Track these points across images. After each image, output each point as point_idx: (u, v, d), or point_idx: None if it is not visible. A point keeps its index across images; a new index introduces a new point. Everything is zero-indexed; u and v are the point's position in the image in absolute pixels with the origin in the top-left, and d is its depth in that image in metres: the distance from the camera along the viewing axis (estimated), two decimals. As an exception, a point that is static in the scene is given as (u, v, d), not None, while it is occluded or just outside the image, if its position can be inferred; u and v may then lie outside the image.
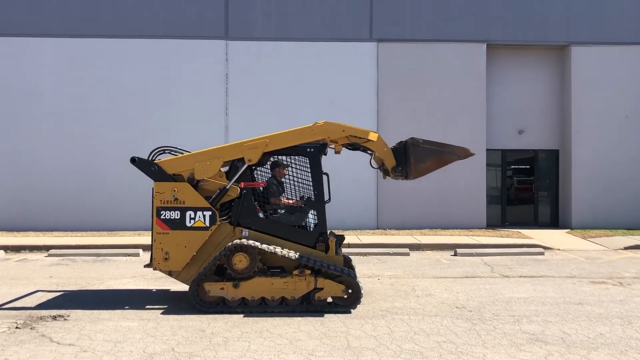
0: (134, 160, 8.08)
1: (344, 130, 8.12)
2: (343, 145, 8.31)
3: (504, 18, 17.16)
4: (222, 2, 16.72)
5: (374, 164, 8.66)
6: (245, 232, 8.00)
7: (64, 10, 16.53)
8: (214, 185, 8.02)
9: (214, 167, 8.03)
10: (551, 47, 17.69)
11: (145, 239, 13.61)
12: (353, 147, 8.48)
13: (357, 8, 16.93)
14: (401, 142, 8.17)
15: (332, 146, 8.39)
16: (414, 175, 7.98)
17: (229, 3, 16.73)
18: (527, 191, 18.31)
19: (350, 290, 7.74)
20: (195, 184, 8.04)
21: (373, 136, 8.14)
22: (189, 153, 8.26)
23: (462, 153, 8.12)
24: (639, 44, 17.31)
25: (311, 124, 8.15)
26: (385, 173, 8.44)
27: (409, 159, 7.93)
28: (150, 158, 8.19)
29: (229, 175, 8.09)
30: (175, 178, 8.03)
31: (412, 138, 7.98)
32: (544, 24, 17.21)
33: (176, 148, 8.52)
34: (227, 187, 7.96)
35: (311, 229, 8.18)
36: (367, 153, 8.61)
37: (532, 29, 17.19)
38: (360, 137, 8.13)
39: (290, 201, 8.46)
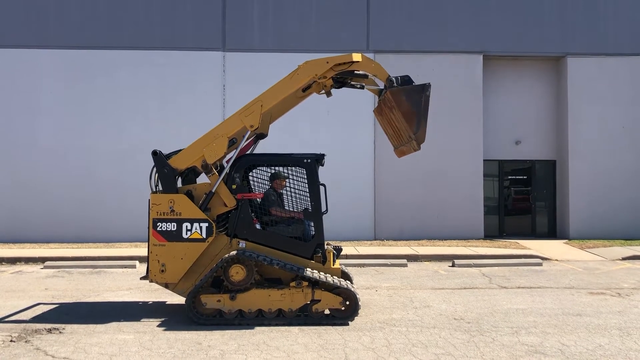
0: (155, 154, 8.11)
1: (327, 62, 8.16)
2: (332, 80, 8.27)
3: (500, 29, 17.25)
4: (220, 14, 16.77)
5: (372, 82, 8.45)
6: (242, 243, 7.97)
7: (61, 22, 16.55)
8: (215, 178, 8.01)
9: (222, 146, 8.06)
10: (547, 58, 17.77)
11: (142, 250, 13.53)
12: (342, 82, 8.44)
13: (354, 19, 17.00)
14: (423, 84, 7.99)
15: (322, 92, 8.38)
16: (393, 93, 7.77)
17: (227, 15, 16.79)
18: (525, 201, 18.32)
19: (347, 302, 7.70)
20: (209, 170, 8.04)
21: (357, 57, 8.14)
22: (191, 143, 8.23)
23: (419, 135, 7.78)
24: (635, 55, 17.40)
25: (294, 69, 8.23)
26: (380, 93, 8.34)
27: (407, 85, 7.84)
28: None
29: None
30: (187, 175, 8.11)
31: (429, 83, 7.88)
32: (540, 35, 17.29)
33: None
34: (213, 190, 7.92)
35: (308, 241, 8.14)
36: (356, 87, 8.56)
37: (529, 40, 17.27)
38: (345, 63, 8.12)
39: (288, 213, 8.42)
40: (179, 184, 8.26)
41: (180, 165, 8.11)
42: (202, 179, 8.28)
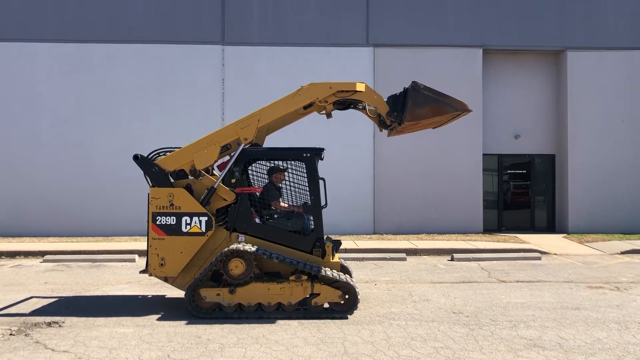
0: (136, 158, 8.08)
1: (330, 87, 8.12)
2: (334, 105, 8.26)
3: (499, 23, 17.21)
4: (219, 7, 16.71)
5: (369, 115, 8.46)
6: (242, 237, 7.97)
7: (60, 15, 16.49)
8: (209, 181, 8.00)
9: (213, 154, 8.03)
10: (547, 52, 17.74)
11: (141, 244, 13.54)
12: (343, 106, 8.42)
13: (353, 13, 16.95)
14: (404, 87, 8.06)
15: (323, 112, 8.37)
16: (408, 118, 7.82)
17: (225, 8, 16.74)
18: (524, 196, 18.32)
19: (347, 296, 7.71)
20: (198, 175, 8.02)
21: (360, 86, 8.13)
22: (184, 146, 8.22)
23: (460, 106, 8.00)
24: (635, 49, 17.36)
25: (297, 89, 8.17)
26: (382, 124, 8.37)
27: (407, 102, 7.81)
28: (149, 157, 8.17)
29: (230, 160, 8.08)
30: (178, 174, 8.05)
31: (413, 82, 7.90)
32: (539, 29, 17.26)
33: (171, 148, 8.47)
34: (215, 186, 7.92)
35: (308, 235, 8.14)
36: (359, 109, 8.55)
37: (528, 34, 17.23)
38: (348, 91, 8.11)
39: (287, 206, 8.43)
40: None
41: (169, 166, 8.06)
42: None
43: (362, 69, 16.87)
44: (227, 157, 8.20)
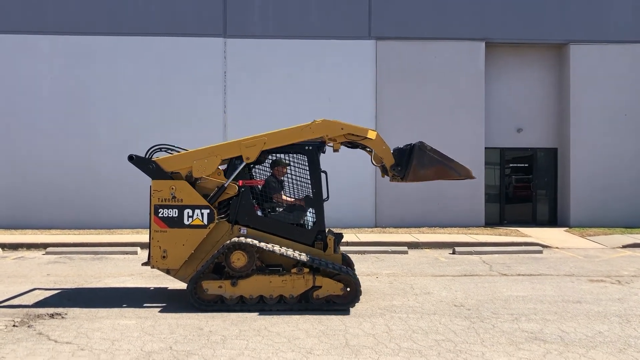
0: (131, 158, 8.06)
1: (342, 129, 8.11)
2: (342, 144, 8.30)
3: (503, 16, 17.14)
4: (221, 0, 16.67)
5: (374, 162, 8.53)
6: (244, 230, 7.99)
7: (61, 7, 16.46)
8: (212, 183, 8.02)
9: (212, 165, 8.03)
10: (550, 46, 17.68)
11: (144, 236, 13.58)
12: (352, 145, 8.48)
13: (355, 6, 16.89)
14: (409, 144, 8.15)
15: (331, 144, 8.38)
16: (410, 178, 7.97)
17: (227, 1, 16.69)
18: (526, 189, 18.31)
19: (348, 289, 7.73)
20: (193, 181, 8.03)
21: (372, 134, 8.14)
22: (186, 151, 8.25)
23: (464, 173, 8.16)
24: (637, 42, 17.30)
25: (309, 122, 8.13)
26: (384, 171, 8.44)
27: (412, 161, 7.91)
28: (146, 156, 8.17)
29: (227, 173, 8.09)
30: (173, 176, 8.03)
31: (421, 142, 7.98)
32: (542, 22, 17.19)
33: (172, 146, 8.49)
34: (225, 185, 7.97)
35: (309, 227, 8.16)
36: (366, 151, 8.60)
37: (531, 27, 17.17)
38: (358, 135, 8.14)
39: (289, 199, 8.44)
40: None
41: (167, 167, 8.03)
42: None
43: (364, 61, 16.85)
44: (225, 165, 8.22)
